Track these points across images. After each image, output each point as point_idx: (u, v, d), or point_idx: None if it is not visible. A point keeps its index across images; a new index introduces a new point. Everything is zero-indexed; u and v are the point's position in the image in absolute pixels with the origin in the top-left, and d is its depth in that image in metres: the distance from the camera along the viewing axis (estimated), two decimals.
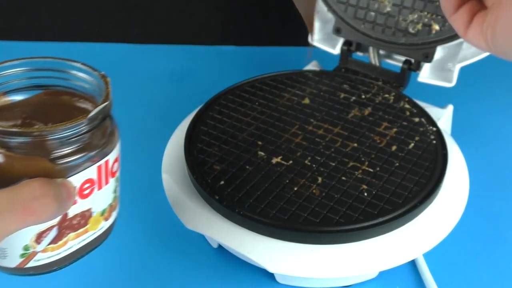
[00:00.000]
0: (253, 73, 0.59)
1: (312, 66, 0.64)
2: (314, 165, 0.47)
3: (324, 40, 0.63)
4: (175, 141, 0.52)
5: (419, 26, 0.55)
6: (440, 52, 0.56)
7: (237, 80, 0.58)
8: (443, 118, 0.55)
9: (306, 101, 0.55)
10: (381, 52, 0.60)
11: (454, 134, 0.56)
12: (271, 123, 0.52)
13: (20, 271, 0.35)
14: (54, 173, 0.32)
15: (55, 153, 0.32)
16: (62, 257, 0.36)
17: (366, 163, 0.47)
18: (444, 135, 0.50)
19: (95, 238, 0.37)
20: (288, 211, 0.43)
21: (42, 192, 0.30)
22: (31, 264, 0.35)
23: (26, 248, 0.34)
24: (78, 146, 0.33)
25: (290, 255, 0.42)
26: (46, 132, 0.31)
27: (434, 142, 0.49)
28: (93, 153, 0.34)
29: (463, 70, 0.55)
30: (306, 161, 0.48)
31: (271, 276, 0.46)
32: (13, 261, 0.34)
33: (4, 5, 0.79)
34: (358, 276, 0.45)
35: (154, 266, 0.47)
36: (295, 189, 0.45)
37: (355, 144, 0.49)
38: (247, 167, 0.47)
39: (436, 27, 0.54)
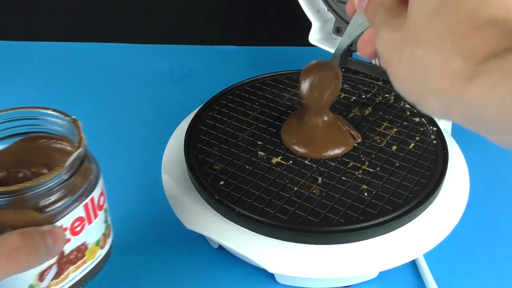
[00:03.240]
0: (253, 73, 0.59)
1: None
2: (314, 165, 0.47)
3: (324, 40, 0.63)
4: (175, 141, 0.52)
5: None
6: None
7: (237, 80, 0.58)
8: None
9: None
10: None
11: (454, 134, 0.56)
12: (271, 123, 0.52)
13: None
14: (43, 221, 0.34)
15: (41, 203, 0.34)
16: None
17: (367, 163, 0.47)
18: (444, 135, 0.50)
19: (94, 266, 0.39)
20: (288, 211, 0.43)
21: (23, 243, 0.31)
22: None
23: (31, 287, 0.35)
24: (62, 192, 0.35)
25: (290, 255, 0.42)
26: (27, 188, 0.33)
27: (435, 142, 0.49)
28: (77, 195, 0.36)
29: None
30: (306, 161, 0.48)
31: (271, 276, 0.46)
32: None
33: (4, 5, 0.79)
34: (358, 276, 0.45)
35: (154, 266, 0.47)
36: (295, 189, 0.45)
37: (355, 144, 0.49)
38: (247, 167, 0.47)
39: None
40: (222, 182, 0.46)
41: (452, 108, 0.25)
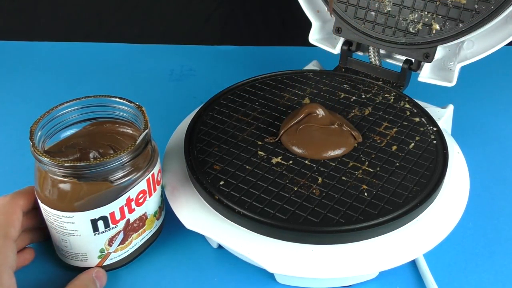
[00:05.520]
0: (253, 73, 0.59)
1: (312, 66, 0.64)
2: (314, 165, 0.47)
3: (324, 40, 0.63)
4: (175, 141, 0.52)
5: (420, 26, 0.55)
6: (440, 51, 0.56)
7: (237, 80, 0.58)
8: (444, 118, 0.55)
9: (306, 101, 0.55)
10: (382, 51, 0.60)
11: (454, 134, 0.56)
12: (271, 123, 0.52)
13: None
14: (114, 191, 0.41)
15: (110, 177, 0.40)
16: (129, 254, 0.46)
17: (367, 163, 0.47)
18: (444, 135, 0.50)
19: (151, 235, 0.47)
20: (288, 211, 0.43)
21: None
22: (107, 262, 0.45)
23: (101, 251, 0.44)
24: (128, 169, 0.41)
25: (290, 255, 0.42)
26: (105, 162, 0.39)
27: (435, 142, 0.49)
28: (142, 171, 0.42)
29: (463, 69, 0.55)
30: (306, 161, 0.48)
31: (271, 276, 0.46)
32: (93, 262, 0.44)
33: (4, 5, 0.79)
34: (358, 276, 0.45)
35: (154, 266, 0.47)
36: (295, 189, 0.45)
37: (356, 144, 0.49)
38: (247, 167, 0.47)
39: (437, 26, 0.54)
40: (222, 182, 0.45)
41: None
